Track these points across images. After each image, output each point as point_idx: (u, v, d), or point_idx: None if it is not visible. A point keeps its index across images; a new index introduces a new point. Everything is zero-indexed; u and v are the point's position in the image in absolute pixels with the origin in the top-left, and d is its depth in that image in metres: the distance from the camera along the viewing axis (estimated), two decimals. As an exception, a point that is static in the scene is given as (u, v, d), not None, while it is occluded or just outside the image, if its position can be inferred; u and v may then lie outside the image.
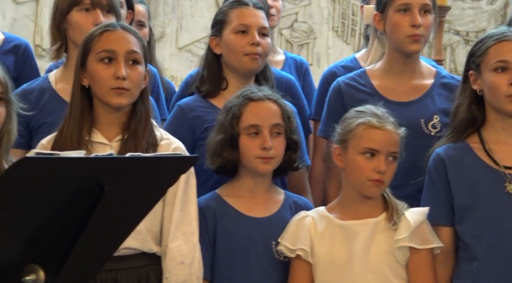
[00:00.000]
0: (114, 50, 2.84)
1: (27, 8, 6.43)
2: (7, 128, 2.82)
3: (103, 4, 3.33)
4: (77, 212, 1.74)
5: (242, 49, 3.35)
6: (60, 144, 2.83)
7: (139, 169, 1.79)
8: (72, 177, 1.67)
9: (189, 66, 6.57)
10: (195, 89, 3.47)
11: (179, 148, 2.91)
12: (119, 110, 2.87)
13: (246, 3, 3.44)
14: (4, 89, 2.80)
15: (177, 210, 2.86)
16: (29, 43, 4.09)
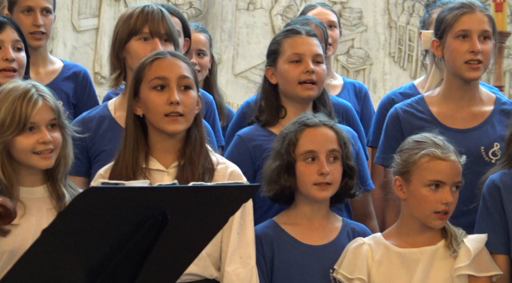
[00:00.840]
0: (166, 76, 2.87)
1: (87, 36, 6.53)
2: (64, 153, 2.87)
3: (161, 33, 3.36)
4: (141, 241, 1.76)
5: (297, 78, 3.37)
6: (117, 173, 2.86)
7: (201, 197, 1.81)
8: (137, 206, 1.70)
9: (246, 92, 6.60)
10: (254, 118, 3.48)
11: (235, 172, 2.93)
12: (174, 137, 2.90)
13: (299, 31, 3.46)
14: (56, 115, 2.85)
15: (234, 233, 2.87)
16: (87, 70, 4.16)
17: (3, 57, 3.36)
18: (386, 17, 6.87)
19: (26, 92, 2.80)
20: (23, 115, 2.77)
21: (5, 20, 3.47)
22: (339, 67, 6.81)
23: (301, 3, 6.79)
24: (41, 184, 2.86)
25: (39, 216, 2.83)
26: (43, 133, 2.79)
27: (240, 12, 6.80)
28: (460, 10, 3.35)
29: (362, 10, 6.84)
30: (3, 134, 2.77)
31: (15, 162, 2.81)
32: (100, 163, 3.28)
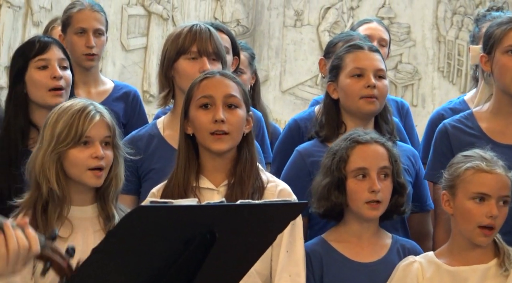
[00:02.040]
0: (212, 95, 2.89)
1: (136, 55, 6.59)
2: (115, 172, 2.88)
3: (210, 52, 3.38)
4: (190, 260, 1.77)
5: (358, 93, 3.35)
6: (169, 192, 2.88)
7: (249, 215, 1.81)
8: (185, 224, 1.70)
9: (293, 109, 6.60)
10: (314, 134, 3.48)
11: (285, 190, 2.92)
12: (224, 155, 2.91)
13: (361, 46, 3.45)
14: (111, 133, 2.88)
15: (284, 251, 2.86)
16: (137, 91, 4.20)
17: (51, 76, 3.41)
18: (434, 32, 6.82)
19: (84, 108, 2.84)
20: (79, 128, 2.81)
21: (50, 40, 3.52)
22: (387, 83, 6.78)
23: (348, 19, 6.79)
24: (91, 203, 2.88)
25: (86, 236, 2.84)
26: (97, 148, 2.82)
27: (287, 29, 6.81)
28: (508, 25, 3.31)
29: (410, 25, 6.81)
30: (58, 145, 2.80)
31: (69, 180, 2.84)
32: (150, 182, 3.31)
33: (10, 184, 3.29)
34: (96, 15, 4.04)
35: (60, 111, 2.85)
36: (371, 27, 4.44)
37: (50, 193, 2.80)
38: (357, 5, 6.80)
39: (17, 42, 6.04)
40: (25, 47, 3.50)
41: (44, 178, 2.80)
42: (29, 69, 3.42)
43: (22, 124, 3.41)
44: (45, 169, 2.80)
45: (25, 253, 1.90)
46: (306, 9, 6.81)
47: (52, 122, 2.84)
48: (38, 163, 2.82)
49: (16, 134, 3.39)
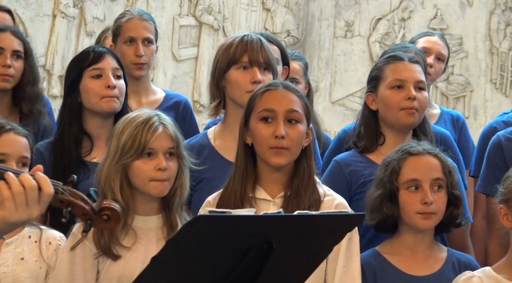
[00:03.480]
0: (274, 109, 2.87)
1: (187, 65, 6.64)
2: (179, 182, 2.90)
3: (261, 62, 3.38)
4: (247, 270, 1.76)
5: (398, 104, 3.34)
6: (225, 201, 2.87)
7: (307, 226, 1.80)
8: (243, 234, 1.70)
9: (343, 120, 6.58)
10: (352, 144, 3.47)
11: (341, 204, 2.89)
12: (281, 169, 2.89)
13: (401, 57, 3.43)
14: (175, 144, 2.89)
15: (340, 266, 2.84)
16: (188, 100, 4.22)
17: (105, 85, 3.44)
18: (487, 43, 6.77)
19: (148, 119, 2.87)
20: (143, 140, 2.83)
21: (104, 50, 3.56)
22: (439, 94, 6.74)
23: (399, 31, 6.76)
24: (156, 213, 2.90)
25: (149, 245, 2.86)
26: (160, 160, 2.84)
27: (337, 39, 6.81)
28: None
29: (462, 36, 6.76)
30: (123, 157, 2.83)
31: (133, 189, 2.86)
32: (200, 191, 3.31)
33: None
34: (145, 24, 4.07)
35: (126, 122, 2.88)
36: (431, 40, 4.41)
37: None
38: (409, 16, 6.78)
39: (71, 52, 6.12)
40: (80, 57, 3.54)
41: (109, 189, 2.83)
42: (83, 78, 3.46)
43: (76, 133, 3.44)
44: (110, 180, 2.83)
45: (34, 194, 1.87)
46: (356, 20, 6.80)
47: (118, 133, 2.87)
48: (103, 173, 2.85)
49: (70, 143, 3.42)
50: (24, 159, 2.90)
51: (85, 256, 2.82)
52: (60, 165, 3.39)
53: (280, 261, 1.80)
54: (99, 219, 1.95)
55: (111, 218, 1.95)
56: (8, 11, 4.28)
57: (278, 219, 1.75)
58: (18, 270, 2.83)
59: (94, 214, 1.94)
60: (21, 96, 3.76)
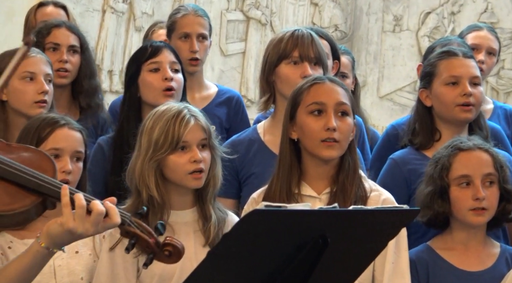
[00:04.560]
0: (324, 102, 2.86)
1: (234, 60, 6.65)
2: (213, 173, 2.88)
3: (311, 57, 3.38)
4: (301, 264, 1.77)
5: (454, 101, 3.31)
6: (270, 197, 2.85)
7: (362, 221, 1.80)
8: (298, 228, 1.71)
9: (391, 115, 6.55)
10: (407, 141, 3.45)
11: (388, 199, 2.87)
12: (328, 163, 2.88)
13: (456, 53, 3.40)
14: (207, 135, 2.88)
15: (389, 262, 2.81)
16: (240, 95, 4.22)
17: (162, 77, 3.47)
18: (539, 37, 6.70)
19: (179, 113, 2.85)
20: (176, 134, 2.82)
21: (161, 44, 3.60)
22: (489, 89, 6.67)
23: (449, 25, 6.71)
24: (191, 206, 2.90)
25: (187, 240, 2.84)
26: (194, 152, 2.83)
27: (386, 34, 6.77)
28: None
29: (513, 30, 6.70)
30: (156, 153, 2.82)
31: (168, 183, 2.87)
32: (250, 186, 3.32)
33: (121, 185, 3.36)
34: (199, 20, 4.09)
35: (155, 117, 2.87)
36: (480, 35, 4.36)
37: (150, 200, 2.82)
38: (458, 10, 6.72)
39: (120, 48, 6.18)
40: (138, 52, 3.59)
41: (143, 185, 2.82)
42: (142, 72, 3.50)
43: (135, 127, 3.47)
44: (144, 177, 2.82)
45: (100, 217, 1.93)
46: (405, 14, 6.76)
47: (148, 129, 2.86)
48: (137, 170, 2.84)
49: (129, 137, 3.45)
50: (78, 154, 2.92)
51: (125, 255, 2.79)
52: (119, 159, 3.42)
53: (334, 256, 1.81)
54: (161, 253, 1.97)
55: (173, 254, 1.99)
56: (63, 7, 4.34)
57: (333, 214, 1.76)
58: (72, 263, 2.86)
59: (157, 248, 1.96)
60: (79, 91, 3.80)
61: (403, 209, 1.96)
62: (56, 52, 3.77)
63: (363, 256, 1.91)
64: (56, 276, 2.81)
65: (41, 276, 2.75)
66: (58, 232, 1.93)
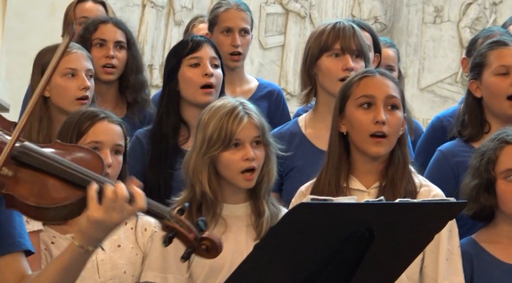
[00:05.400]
0: (373, 95, 2.83)
1: (274, 53, 6.65)
2: (267, 169, 2.89)
3: (353, 49, 3.36)
4: (347, 258, 1.77)
5: (505, 92, 3.27)
6: (318, 190, 2.83)
7: (408, 214, 1.79)
8: (344, 222, 1.70)
9: (432, 107, 6.50)
10: (456, 133, 3.41)
11: (438, 195, 2.84)
12: (377, 158, 2.85)
13: (506, 43, 3.36)
14: (261, 132, 2.89)
15: (443, 260, 2.78)
16: (281, 89, 4.22)
17: (202, 73, 3.47)
18: None
19: (233, 110, 2.86)
20: (229, 131, 2.83)
21: (202, 39, 3.59)
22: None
23: (490, 15, 6.64)
24: (244, 201, 2.90)
25: (238, 233, 2.87)
26: (247, 150, 2.83)
27: (426, 25, 6.72)
28: None
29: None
30: (210, 149, 2.83)
31: (221, 178, 2.87)
32: (291, 179, 3.32)
33: (160, 180, 3.37)
34: (242, 14, 4.08)
35: (211, 113, 2.88)
36: None
37: (203, 195, 2.84)
38: (500, 0, 6.64)
39: (160, 42, 6.21)
40: (179, 46, 3.59)
41: (197, 181, 2.84)
42: (181, 67, 3.50)
43: (174, 121, 3.48)
44: (197, 172, 2.84)
45: (124, 203, 1.92)
46: (446, 5, 6.70)
47: (203, 125, 2.87)
48: (191, 165, 2.86)
49: (167, 131, 3.46)
50: (118, 147, 2.94)
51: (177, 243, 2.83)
52: (157, 153, 3.44)
53: (381, 249, 1.80)
54: (199, 248, 1.99)
55: (211, 249, 2.00)
56: (101, 3, 4.36)
57: (380, 207, 1.75)
58: (115, 257, 2.87)
59: (196, 243, 1.97)
60: (126, 86, 3.82)
61: (449, 202, 1.94)
62: (102, 48, 3.79)
63: (410, 250, 1.90)
64: (99, 271, 2.83)
65: (84, 271, 2.76)
66: (86, 225, 1.93)
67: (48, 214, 1.93)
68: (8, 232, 2.00)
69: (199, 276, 2.84)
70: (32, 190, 1.92)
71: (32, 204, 1.91)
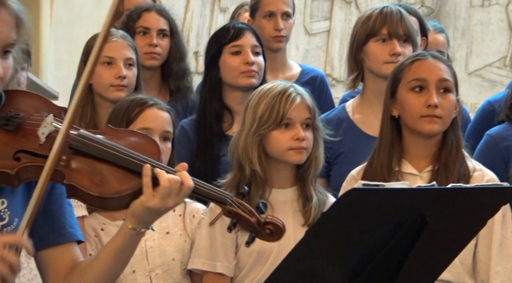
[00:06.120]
0: (426, 78, 2.82)
1: (319, 39, 6.62)
2: (315, 154, 2.89)
3: (400, 34, 3.34)
4: (400, 243, 1.75)
5: None
6: (370, 175, 2.82)
7: (461, 199, 1.77)
8: (396, 207, 1.69)
9: (479, 91, 6.43)
10: (504, 117, 3.37)
11: (492, 179, 2.81)
12: (430, 140, 2.84)
13: None
14: (311, 115, 2.89)
15: (496, 245, 2.75)
16: (324, 75, 4.20)
17: (244, 61, 3.47)
18: None
19: (285, 90, 2.87)
20: (281, 111, 2.83)
21: (244, 26, 3.58)
22: None
23: (540, -4, 6.54)
24: (291, 185, 2.91)
25: (286, 218, 2.84)
26: (298, 130, 2.84)
27: (474, 9, 6.64)
28: None
29: None
30: (260, 127, 2.84)
31: (270, 159, 2.87)
32: (339, 165, 3.31)
33: (207, 166, 3.38)
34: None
35: (261, 94, 2.89)
36: None
37: (253, 174, 2.85)
38: (550, -19, 6.55)
39: (205, 29, 6.21)
40: (220, 33, 3.57)
41: (246, 159, 2.85)
42: (223, 54, 3.50)
43: (217, 108, 3.48)
44: (247, 151, 2.85)
45: (176, 186, 1.91)
46: (494, -12, 6.62)
47: (254, 105, 2.88)
48: (240, 145, 2.87)
49: (211, 118, 3.47)
50: (167, 134, 2.95)
51: (225, 231, 2.83)
52: (203, 140, 3.45)
53: (433, 235, 1.78)
54: (263, 232, 1.97)
55: (274, 232, 1.96)
56: None
57: (432, 192, 1.73)
58: (164, 244, 2.89)
59: (259, 227, 1.95)
60: (168, 74, 3.83)
61: (502, 187, 1.92)
62: (146, 36, 3.80)
63: (462, 235, 1.88)
64: (148, 258, 2.85)
65: (134, 258, 2.78)
66: (139, 211, 1.91)
67: (111, 203, 1.92)
68: (60, 222, 2.00)
69: (246, 263, 2.85)
70: (93, 179, 1.90)
71: (95, 194, 1.89)
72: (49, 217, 1.98)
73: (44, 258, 2.00)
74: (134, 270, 2.81)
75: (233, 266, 2.86)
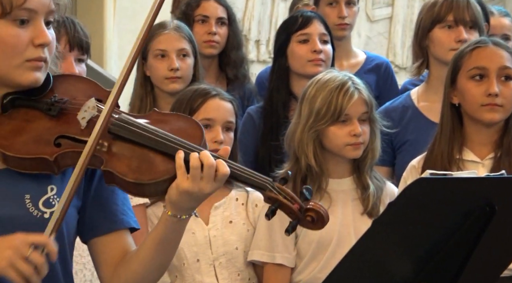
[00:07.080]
0: (486, 66, 2.79)
1: (381, 26, 6.57)
2: (372, 146, 2.88)
3: (466, 20, 3.30)
4: (468, 233, 1.73)
5: None
6: (431, 163, 2.80)
7: (530, 189, 1.74)
8: (464, 196, 1.67)
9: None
10: None
11: None
12: (491, 127, 2.81)
13: None
14: (369, 108, 2.87)
15: None
16: (389, 62, 4.15)
17: (311, 49, 3.46)
18: None
19: (343, 84, 2.85)
20: (338, 106, 2.82)
21: (312, 15, 3.58)
22: None
23: None
24: (349, 175, 2.90)
25: (344, 207, 2.86)
26: (355, 125, 2.83)
27: (541, -8, 6.53)
28: None
29: None
30: (317, 123, 2.83)
31: (326, 152, 2.87)
32: (404, 153, 3.28)
33: (271, 154, 3.38)
34: None
35: (318, 86, 2.87)
36: None
37: (308, 167, 2.84)
38: None
39: (266, 17, 6.20)
40: (288, 22, 3.59)
41: (302, 153, 2.84)
42: (291, 43, 3.50)
43: (284, 96, 3.49)
44: (303, 145, 2.84)
45: (211, 171, 1.83)
46: None
47: (310, 97, 2.87)
48: (296, 137, 2.86)
49: (278, 106, 3.47)
50: (229, 124, 2.95)
51: (283, 222, 2.83)
52: (268, 127, 3.45)
53: (502, 224, 1.75)
54: (304, 219, 1.88)
55: (316, 220, 1.86)
56: None
57: (502, 181, 1.70)
58: (227, 233, 2.89)
59: (300, 214, 1.86)
60: (226, 62, 3.84)
61: None
62: (205, 24, 3.82)
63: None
64: (212, 247, 2.85)
65: (197, 247, 2.82)
66: (175, 196, 1.83)
67: (149, 189, 1.84)
68: (111, 209, 1.95)
69: (306, 252, 2.84)
70: (130, 165, 1.84)
71: (132, 180, 1.82)
72: (100, 204, 1.94)
73: (96, 247, 1.95)
74: (198, 259, 2.82)
75: (293, 257, 2.85)
